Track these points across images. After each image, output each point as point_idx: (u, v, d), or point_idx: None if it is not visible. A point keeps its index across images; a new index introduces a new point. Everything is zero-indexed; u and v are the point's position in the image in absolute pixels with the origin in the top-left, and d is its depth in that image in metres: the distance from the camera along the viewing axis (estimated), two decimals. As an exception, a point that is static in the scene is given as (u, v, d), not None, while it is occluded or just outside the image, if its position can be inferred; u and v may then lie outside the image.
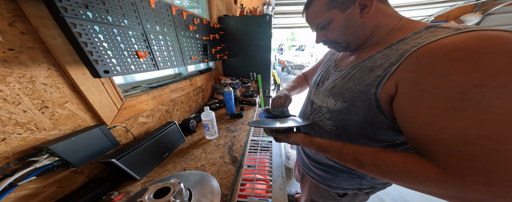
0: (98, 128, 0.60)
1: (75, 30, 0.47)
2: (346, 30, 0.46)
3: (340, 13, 0.43)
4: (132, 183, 0.65)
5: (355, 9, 0.42)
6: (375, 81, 0.38)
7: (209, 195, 0.56)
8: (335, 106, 0.48)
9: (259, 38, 1.69)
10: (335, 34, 0.48)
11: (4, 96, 0.43)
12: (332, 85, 0.50)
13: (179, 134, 0.91)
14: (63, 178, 0.56)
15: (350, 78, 0.45)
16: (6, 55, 0.42)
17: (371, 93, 0.38)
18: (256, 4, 2.62)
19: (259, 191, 0.99)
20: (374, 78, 0.38)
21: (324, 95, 0.52)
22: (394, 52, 0.37)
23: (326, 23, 0.46)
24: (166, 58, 0.85)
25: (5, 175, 0.43)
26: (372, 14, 0.42)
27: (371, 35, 0.45)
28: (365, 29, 0.44)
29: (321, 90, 0.55)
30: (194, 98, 1.34)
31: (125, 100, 0.74)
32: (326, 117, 0.52)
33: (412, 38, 0.36)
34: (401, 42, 0.37)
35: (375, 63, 0.40)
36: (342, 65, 0.53)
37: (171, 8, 0.88)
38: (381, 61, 0.38)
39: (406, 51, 0.34)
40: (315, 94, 0.59)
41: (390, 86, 0.35)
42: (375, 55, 0.41)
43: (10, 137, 0.45)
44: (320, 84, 0.58)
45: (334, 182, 0.61)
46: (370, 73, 0.39)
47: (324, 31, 0.49)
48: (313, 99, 0.59)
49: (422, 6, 2.56)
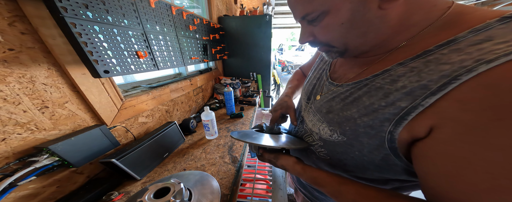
0: (98, 128, 0.60)
1: (75, 30, 0.47)
2: (351, 30, 0.28)
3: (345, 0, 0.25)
4: (132, 183, 0.65)
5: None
6: (394, 115, 0.25)
7: (209, 195, 0.56)
8: (330, 137, 0.35)
9: (259, 38, 1.69)
10: (331, 35, 0.30)
11: (4, 96, 0.43)
12: (326, 108, 0.37)
13: (179, 134, 0.91)
14: (63, 178, 0.56)
15: (353, 102, 0.31)
16: (6, 55, 0.42)
17: (385, 131, 0.26)
18: (256, 4, 2.62)
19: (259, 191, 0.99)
20: (392, 110, 0.25)
21: (317, 119, 0.39)
22: (432, 68, 0.22)
23: (319, 14, 0.28)
24: (166, 58, 0.85)
25: (5, 175, 0.43)
26: (402, 4, 0.25)
27: (390, 38, 0.29)
28: (381, 30, 0.28)
29: (313, 108, 0.42)
30: (194, 98, 1.34)
31: (125, 100, 0.74)
32: (318, 144, 0.40)
33: (471, 42, 0.20)
34: (445, 47, 0.22)
35: (395, 83, 0.26)
36: (341, 76, 0.38)
37: (171, 8, 0.88)
38: (406, 81, 0.24)
39: (461, 68, 0.19)
40: (306, 110, 0.46)
41: (420, 127, 0.23)
42: (394, 69, 0.27)
43: (10, 137, 0.44)
44: (312, 98, 0.45)
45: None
46: (384, 100, 0.26)
47: (313, 27, 0.31)
48: (304, 116, 0.47)
49: (422, 6, 2.56)
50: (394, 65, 0.27)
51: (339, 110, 0.34)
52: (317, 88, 0.44)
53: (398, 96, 0.25)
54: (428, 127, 0.22)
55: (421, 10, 0.26)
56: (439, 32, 0.24)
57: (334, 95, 0.36)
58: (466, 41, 0.21)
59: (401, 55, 0.27)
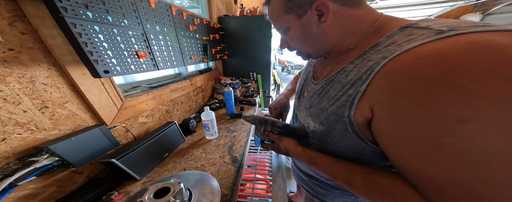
0: (98, 128, 0.60)
1: (75, 30, 0.47)
2: (305, 41, 0.39)
3: (296, 20, 0.37)
4: (132, 183, 0.65)
5: (312, 16, 0.35)
6: (347, 102, 0.32)
7: (209, 195, 0.56)
8: (315, 128, 0.41)
9: (259, 38, 1.69)
10: (294, 43, 0.42)
11: (4, 96, 0.43)
12: (309, 103, 0.44)
13: (179, 134, 0.91)
14: (63, 178, 0.56)
15: (324, 95, 0.38)
16: (6, 55, 0.42)
17: (345, 115, 0.32)
18: (256, 4, 2.62)
19: (259, 191, 0.99)
20: (346, 97, 0.32)
21: (305, 114, 0.46)
22: (364, 64, 0.30)
23: (285, 29, 0.40)
24: (166, 58, 0.85)
25: (5, 175, 0.43)
26: (332, 23, 0.35)
27: (337, 44, 0.38)
28: (325, 41, 0.38)
29: (302, 105, 0.48)
30: (194, 98, 1.34)
31: (125, 100, 0.74)
32: (311, 136, 0.46)
33: (385, 44, 0.29)
34: (373, 48, 0.31)
35: (347, 77, 0.33)
36: (319, 75, 0.46)
37: (171, 8, 0.88)
38: (352, 75, 0.32)
39: (375, 64, 0.28)
40: (298, 108, 0.52)
41: (365, 109, 0.29)
42: (347, 67, 0.34)
43: (10, 137, 0.44)
44: (301, 96, 0.51)
45: (328, 198, 0.56)
46: (342, 90, 0.33)
47: (286, 37, 0.43)
48: (297, 114, 0.54)
49: (422, 6, 2.56)
50: (347, 64, 0.35)
51: (317, 104, 0.40)
52: (304, 87, 0.51)
53: (347, 87, 0.32)
54: (369, 108, 0.29)
55: (352, 25, 0.36)
56: (372, 37, 0.33)
57: (314, 92, 0.43)
58: (383, 44, 0.29)
59: (352, 55, 0.36)
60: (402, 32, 0.28)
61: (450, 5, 2.55)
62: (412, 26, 0.28)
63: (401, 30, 0.29)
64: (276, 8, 0.38)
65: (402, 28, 0.29)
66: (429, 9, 2.67)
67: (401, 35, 0.28)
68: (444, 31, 0.23)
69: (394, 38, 0.28)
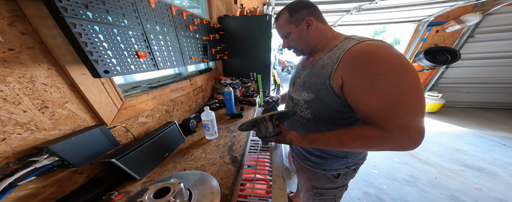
0: (98, 128, 0.60)
1: (75, 30, 0.47)
2: (300, 40, 0.65)
3: (295, 28, 0.63)
4: (132, 183, 0.65)
5: (304, 25, 0.61)
6: (327, 75, 0.53)
7: (209, 195, 0.56)
8: (309, 97, 0.62)
9: (259, 38, 1.69)
10: (293, 43, 0.67)
11: (4, 96, 0.43)
12: (303, 81, 0.65)
13: (179, 134, 0.91)
14: (63, 178, 0.56)
15: (312, 74, 0.60)
16: (6, 55, 0.42)
17: (327, 83, 0.53)
18: (256, 4, 2.62)
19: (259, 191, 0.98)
20: (325, 73, 0.54)
21: (299, 90, 0.66)
22: (333, 54, 0.54)
23: (287, 34, 0.65)
24: (166, 58, 0.85)
25: (5, 175, 0.43)
26: (314, 30, 0.61)
27: (317, 44, 0.63)
28: (311, 40, 0.63)
29: (297, 87, 0.69)
30: (194, 98, 1.34)
31: (125, 100, 0.74)
32: (304, 107, 0.66)
33: (340, 45, 0.54)
34: (334, 48, 0.56)
35: (324, 62, 0.56)
36: (306, 65, 0.68)
37: (171, 8, 0.88)
38: (327, 60, 0.55)
39: (340, 54, 0.51)
40: (293, 91, 0.73)
41: (338, 78, 0.51)
42: (323, 57, 0.58)
43: (10, 137, 0.45)
44: (295, 82, 0.72)
45: (328, 165, 0.73)
46: (323, 70, 0.55)
47: (287, 40, 0.68)
48: (293, 95, 0.73)
49: (422, 6, 2.56)
50: (322, 56, 0.58)
51: (307, 80, 0.62)
52: (296, 76, 0.73)
53: (326, 67, 0.54)
54: (340, 77, 0.50)
55: (323, 33, 0.62)
56: (331, 41, 0.60)
57: (305, 74, 0.65)
58: (339, 45, 0.55)
59: (324, 51, 0.60)
60: (346, 40, 0.55)
61: (450, 5, 2.55)
62: (349, 38, 0.55)
63: (345, 39, 0.55)
64: (282, 22, 0.64)
65: (346, 38, 0.56)
66: (429, 9, 2.67)
67: (346, 41, 0.54)
68: (360, 40, 0.49)
69: (343, 42, 0.55)
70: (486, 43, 3.07)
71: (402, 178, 1.75)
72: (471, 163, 1.95)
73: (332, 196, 0.81)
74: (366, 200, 1.50)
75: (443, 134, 2.60)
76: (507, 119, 3.02)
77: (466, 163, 1.94)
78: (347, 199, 1.50)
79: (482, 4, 2.73)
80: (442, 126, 2.87)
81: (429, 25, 3.09)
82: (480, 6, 2.78)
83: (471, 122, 2.95)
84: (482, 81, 3.38)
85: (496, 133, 2.56)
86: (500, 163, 1.92)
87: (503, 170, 1.81)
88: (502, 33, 2.89)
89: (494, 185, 1.62)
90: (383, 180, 1.72)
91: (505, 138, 2.42)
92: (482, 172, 1.79)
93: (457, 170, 1.84)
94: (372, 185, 1.66)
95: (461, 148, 2.23)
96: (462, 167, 1.88)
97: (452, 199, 1.48)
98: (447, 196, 1.51)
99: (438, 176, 1.76)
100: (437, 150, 2.20)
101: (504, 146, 2.24)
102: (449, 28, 2.97)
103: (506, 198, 1.47)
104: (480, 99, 3.56)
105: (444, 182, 1.67)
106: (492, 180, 1.68)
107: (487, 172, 1.79)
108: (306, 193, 0.88)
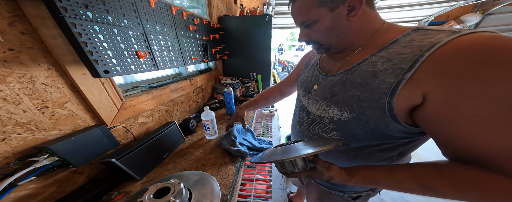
0: (98, 128, 0.60)
1: (75, 30, 0.47)
2: (331, 32, 0.43)
3: (327, 13, 0.40)
4: (132, 183, 0.65)
5: (343, 10, 0.39)
6: (387, 89, 0.34)
7: (209, 195, 0.56)
8: (341, 116, 0.43)
9: (259, 38, 1.69)
10: (320, 35, 0.45)
11: (4, 96, 0.43)
12: (330, 93, 0.46)
13: (179, 134, 0.91)
14: (63, 178, 0.56)
15: (350, 84, 0.41)
16: (6, 55, 0.42)
17: (384, 102, 0.35)
18: (256, 4, 2.62)
19: (259, 191, 0.99)
20: (386, 85, 0.34)
21: (323, 105, 0.48)
22: (396, 56, 0.35)
23: (311, 22, 0.43)
24: (166, 58, 0.85)
25: (5, 175, 0.43)
26: (358, 17, 0.40)
27: (355, 39, 0.44)
28: (349, 33, 0.43)
29: (316, 98, 0.51)
30: (194, 98, 1.34)
31: (125, 100, 0.74)
32: (330, 128, 0.48)
33: (405, 41, 0.35)
34: (393, 44, 0.37)
35: (376, 67, 0.37)
36: (331, 69, 0.50)
37: (171, 8, 0.88)
38: (384, 65, 0.36)
39: (417, 55, 0.31)
40: (309, 102, 0.55)
41: (413, 95, 0.32)
42: (370, 59, 0.39)
43: (10, 137, 0.44)
44: (312, 91, 0.54)
45: (347, 187, 0.58)
46: (376, 79, 0.36)
47: (308, 30, 0.46)
48: (309, 108, 0.55)
49: (422, 6, 2.56)
50: (368, 56, 0.40)
51: (342, 92, 0.43)
52: (313, 81, 0.55)
53: (385, 75, 0.35)
54: (420, 94, 0.31)
55: (369, 23, 0.42)
56: (382, 36, 0.40)
57: (333, 83, 0.46)
58: (402, 40, 0.36)
59: (365, 52, 0.42)
60: (416, 33, 0.35)
61: (450, 5, 2.55)
62: (422, 29, 0.35)
63: (414, 31, 0.36)
64: (306, 3, 0.42)
65: (415, 29, 0.36)
66: (429, 9, 2.67)
67: (417, 35, 0.34)
68: (456, 31, 0.30)
69: (411, 36, 0.35)
70: (486, 43, 3.07)
71: (402, 178, 1.74)
72: (471, 163, 1.94)
73: None
74: (366, 200, 1.50)
75: (443, 134, 2.60)
76: (507, 119, 3.01)
77: (466, 163, 1.94)
78: (347, 199, 1.50)
79: (482, 4, 2.73)
80: (442, 126, 2.86)
81: (429, 25, 3.10)
82: (480, 6, 2.78)
83: (471, 122, 2.95)
84: (482, 81, 3.37)
85: (496, 133, 2.56)
86: (500, 163, 1.92)
87: (503, 170, 1.81)
88: (502, 33, 2.89)
89: (494, 185, 1.62)
90: (383, 180, 1.72)
91: (505, 138, 2.41)
92: (482, 172, 1.79)
93: (457, 170, 1.84)
94: (372, 185, 1.66)
95: (461, 148, 2.22)
96: (462, 167, 1.88)
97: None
98: (447, 196, 1.51)
99: (438, 176, 1.75)
100: (437, 150, 2.19)
101: (504, 146, 2.24)
102: (449, 28, 2.96)
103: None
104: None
105: (444, 182, 1.67)
106: (492, 180, 1.67)
107: (487, 172, 1.79)
108: None
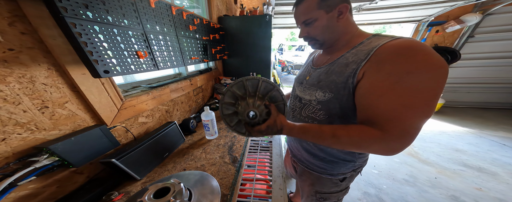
0: (98, 128, 0.60)
1: (75, 30, 0.47)
2: (326, 30, 0.56)
3: (324, 14, 0.53)
4: (132, 183, 0.65)
5: (335, 13, 0.53)
6: (351, 73, 0.49)
7: (209, 195, 0.56)
8: (324, 97, 0.57)
9: (259, 38, 1.69)
10: (317, 32, 0.57)
11: (4, 96, 0.43)
12: (317, 80, 0.59)
13: (179, 134, 0.91)
14: (63, 178, 0.56)
15: (331, 72, 0.55)
16: (6, 55, 0.42)
17: (350, 82, 0.49)
18: (256, 4, 2.62)
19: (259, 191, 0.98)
20: (350, 71, 0.49)
21: (312, 90, 0.61)
22: (359, 52, 0.49)
23: (312, 21, 0.55)
24: (166, 58, 0.85)
25: (5, 175, 0.43)
26: (344, 20, 0.54)
27: (340, 38, 0.58)
28: (338, 31, 0.57)
29: (307, 86, 0.64)
30: (194, 98, 1.34)
31: (125, 100, 0.74)
32: (317, 108, 0.60)
33: (367, 43, 0.51)
34: (360, 45, 0.52)
35: (348, 59, 0.51)
36: (319, 63, 0.64)
37: (171, 8, 0.88)
38: (352, 58, 0.50)
39: (370, 50, 0.46)
40: (301, 90, 0.67)
41: (359, 75, 0.47)
42: (345, 55, 0.54)
43: (10, 137, 0.45)
44: (303, 81, 0.67)
45: (335, 170, 0.69)
46: (346, 68, 0.50)
47: (308, 28, 0.58)
48: (301, 96, 0.67)
49: (422, 6, 2.56)
50: (345, 53, 0.54)
51: (325, 78, 0.56)
52: (305, 74, 0.69)
53: (351, 65, 0.49)
54: (362, 73, 0.46)
55: (349, 26, 0.57)
56: (355, 38, 0.55)
57: (320, 73, 0.60)
58: (366, 43, 0.51)
59: (346, 48, 0.56)
60: (374, 37, 0.51)
61: (450, 5, 2.55)
62: (378, 35, 0.52)
63: (373, 37, 0.52)
64: (308, 6, 0.55)
65: (374, 35, 0.52)
66: (429, 9, 2.67)
67: (374, 39, 0.51)
68: (393, 38, 0.45)
69: (371, 40, 0.51)
70: (486, 43, 3.07)
71: (402, 178, 1.75)
72: (471, 163, 1.95)
73: (336, 200, 0.78)
74: (366, 200, 1.50)
75: (443, 134, 2.60)
76: (507, 119, 3.01)
77: (466, 163, 1.94)
78: (347, 199, 1.50)
79: (482, 4, 2.73)
80: (442, 126, 2.87)
81: (429, 25, 3.09)
82: (480, 6, 2.78)
83: (471, 122, 2.95)
84: (482, 81, 3.38)
85: (496, 133, 2.56)
86: (500, 163, 1.92)
87: (503, 170, 1.81)
88: (502, 33, 2.89)
89: (494, 185, 1.62)
90: (383, 180, 1.72)
91: (505, 138, 2.42)
92: (482, 172, 1.79)
93: (457, 170, 1.84)
94: (372, 185, 1.66)
95: (461, 148, 2.23)
96: (462, 167, 1.88)
97: (452, 199, 1.48)
98: (447, 196, 1.51)
99: (438, 176, 1.76)
100: (437, 150, 2.20)
101: (504, 146, 2.24)
102: (449, 28, 2.97)
103: (506, 198, 1.47)
104: (480, 99, 3.56)
105: (444, 182, 1.67)
106: (492, 180, 1.68)
107: (487, 172, 1.79)
108: (308, 198, 0.84)
